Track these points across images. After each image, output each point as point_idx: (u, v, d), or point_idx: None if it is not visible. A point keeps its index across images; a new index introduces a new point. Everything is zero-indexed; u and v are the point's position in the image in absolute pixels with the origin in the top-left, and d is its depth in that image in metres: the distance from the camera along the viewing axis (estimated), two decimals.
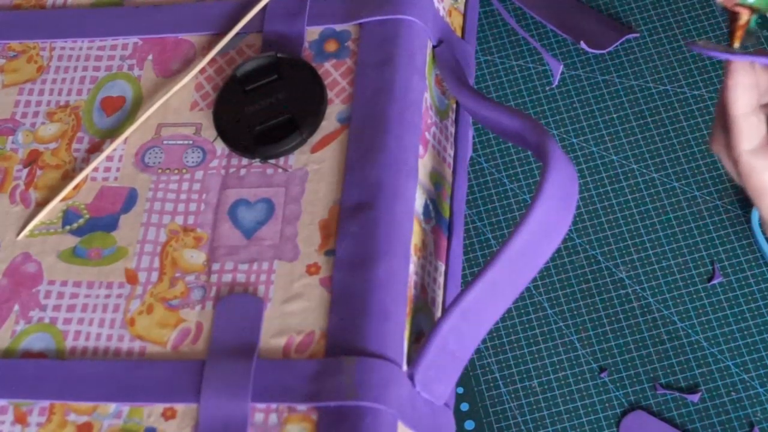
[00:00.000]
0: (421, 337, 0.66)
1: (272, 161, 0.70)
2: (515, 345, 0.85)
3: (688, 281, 0.85)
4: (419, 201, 0.69)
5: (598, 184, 0.90)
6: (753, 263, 0.85)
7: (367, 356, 0.62)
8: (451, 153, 0.75)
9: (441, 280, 0.71)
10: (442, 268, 0.71)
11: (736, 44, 0.63)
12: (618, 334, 0.84)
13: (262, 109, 0.71)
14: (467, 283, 0.74)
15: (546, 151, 0.63)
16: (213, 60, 0.75)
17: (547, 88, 0.94)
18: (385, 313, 0.63)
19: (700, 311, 0.84)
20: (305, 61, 0.72)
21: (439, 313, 0.69)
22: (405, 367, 0.63)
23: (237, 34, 0.76)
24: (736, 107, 0.60)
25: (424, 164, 0.71)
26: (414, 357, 0.63)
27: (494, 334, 0.85)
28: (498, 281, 0.62)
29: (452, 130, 0.76)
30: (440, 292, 0.70)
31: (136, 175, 0.72)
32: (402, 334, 0.63)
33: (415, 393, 0.63)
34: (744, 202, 0.87)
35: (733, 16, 0.62)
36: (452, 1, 0.79)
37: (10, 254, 0.71)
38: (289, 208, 0.68)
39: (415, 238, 0.67)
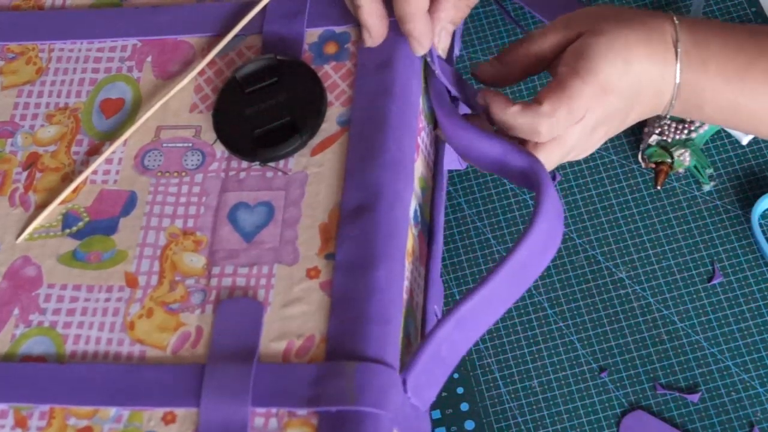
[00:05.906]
0: (408, 341, 0.66)
1: (272, 164, 0.70)
2: (515, 345, 0.85)
3: (688, 281, 0.85)
4: (412, 205, 0.69)
5: (598, 184, 0.89)
6: (753, 263, 0.85)
7: (367, 361, 0.61)
8: (434, 157, 0.75)
9: (422, 284, 0.70)
10: (423, 272, 0.71)
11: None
12: (618, 334, 0.84)
13: (262, 111, 0.71)
14: (464, 293, 0.74)
15: (537, 175, 0.64)
16: (212, 62, 0.75)
17: None
18: (385, 317, 0.63)
19: (700, 311, 0.84)
20: (305, 63, 0.72)
21: (420, 317, 0.69)
22: (398, 373, 0.63)
23: (236, 35, 0.75)
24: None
25: (416, 168, 0.70)
26: (406, 362, 0.63)
27: (494, 334, 0.85)
28: (495, 293, 0.63)
29: (435, 133, 0.76)
30: (422, 297, 0.70)
31: (135, 177, 0.72)
32: (398, 338, 0.63)
33: (405, 398, 0.63)
34: (744, 201, 0.87)
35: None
36: None
37: (9, 257, 0.70)
38: (289, 211, 0.68)
39: (408, 242, 0.67)
